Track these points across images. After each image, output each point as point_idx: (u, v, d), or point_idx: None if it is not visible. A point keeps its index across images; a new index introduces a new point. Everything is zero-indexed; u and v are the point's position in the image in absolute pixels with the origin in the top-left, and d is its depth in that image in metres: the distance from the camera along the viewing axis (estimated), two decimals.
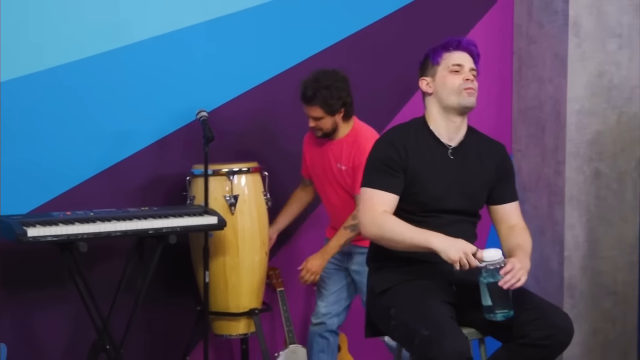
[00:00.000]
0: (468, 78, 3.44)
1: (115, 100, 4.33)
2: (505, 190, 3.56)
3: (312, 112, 4.27)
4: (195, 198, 4.35)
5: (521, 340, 3.30)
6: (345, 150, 4.31)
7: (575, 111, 4.97)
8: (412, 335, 3.20)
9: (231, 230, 4.31)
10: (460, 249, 3.21)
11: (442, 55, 3.48)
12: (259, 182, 4.44)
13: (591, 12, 4.95)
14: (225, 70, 4.56)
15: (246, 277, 4.38)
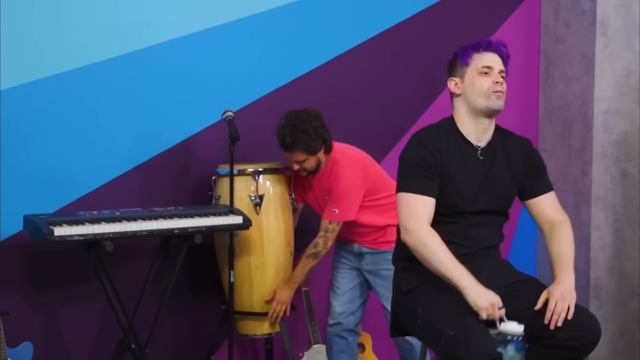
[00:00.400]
0: (497, 81, 3.41)
1: (141, 101, 4.36)
2: (536, 184, 3.54)
3: (295, 157, 4.32)
4: (221, 197, 4.36)
5: (547, 341, 3.27)
6: (325, 181, 4.39)
7: (603, 111, 4.98)
8: (438, 335, 3.19)
9: (256, 230, 4.31)
10: (488, 299, 3.18)
11: (472, 56, 3.45)
12: (283, 182, 4.45)
13: (619, 11, 4.95)
14: (252, 70, 4.59)
15: (271, 277, 4.38)
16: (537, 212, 3.55)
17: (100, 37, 4.23)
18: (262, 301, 4.38)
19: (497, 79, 3.41)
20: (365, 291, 4.52)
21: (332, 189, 4.34)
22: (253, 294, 4.38)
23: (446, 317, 3.19)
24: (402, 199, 3.39)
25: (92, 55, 4.22)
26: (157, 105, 4.38)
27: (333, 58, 4.77)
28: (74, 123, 4.21)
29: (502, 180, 3.47)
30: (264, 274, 4.38)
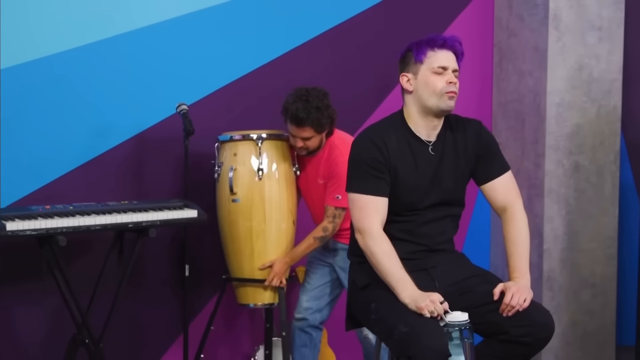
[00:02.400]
0: (451, 81, 3.39)
1: (94, 95, 4.34)
2: (490, 166, 3.52)
3: (303, 133, 4.29)
4: (223, 165, 4.36)
5: (502, 336, 3.31)
6: (323, 164, 4.38)
7: (555, 104, 5.01)
8: (391, 331, 3.23)
9: (258, 195, 4.33)
10: (427, 296, 3.21)
11: (427, 54, 3.41)
12: (287, 151, 4.43)
13: (571, 6, 4.99)
14: (207, 63, 4.59)
15: (272, 245, 4.37)
16: (490, 198, 3.53)
17: (53, 30, 4.21)
18: (262, 269, 4.38)
19: (451, 79, 3.39)
20: (336, 289, 4.49)
21: (332, 173, 4.32)
22: (254, 260, 4.36)
23: (399, 314, 3.22)
24: (353, 200, 3.39)
25: (44, 48, 4.20)
26: (111, 99, 4.37)
27: (288, 51, 4.77)
28: (25, 116, 4.18)
29: (453, 172, 3.46)
30: (265, 240, 4.36)
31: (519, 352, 3.33)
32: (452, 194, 3.48)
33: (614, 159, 5.14)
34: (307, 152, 4.36)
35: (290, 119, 4.28)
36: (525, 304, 3.27)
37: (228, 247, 4.39)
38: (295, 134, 4.31)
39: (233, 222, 4.35)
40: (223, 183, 4.36)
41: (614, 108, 5.12)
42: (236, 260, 4.36)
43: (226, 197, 4.34)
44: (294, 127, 4.29)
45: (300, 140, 4.31)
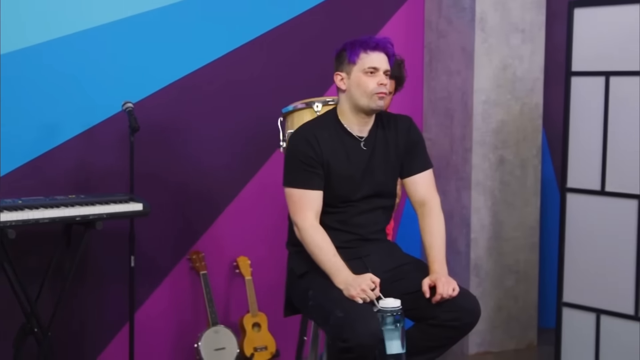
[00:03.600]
0: (382, 82, 3.51)
1: (42, 92, 4.37)
2: (413, 162, 3.65)
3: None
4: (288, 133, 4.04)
5: (432, 321, 3.46)
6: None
7: (482, 102, 5.16)
8: (327, 316, 3.36)
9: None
10: (359, 285, 3.34)
11: (359, 55, 3.52)
12: None
13: (496, 9, 5.14)
14: (153, 61, 4.62)
15: None
16: (411, 191, 3.67)
17: (1, 30, 4.23)
18: None
19: (382, 80, 3.52)
20: None
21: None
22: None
23: (335, 300, 3.35)
24: (289, 194, 3.53)
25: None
26: (59, 97, 4.41)
27: (231, 50, 4.83)
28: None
29: (384, 166, 3.60)
30: None
31: (447, 336, 3.48)
32: (383, 186, 3.62)
33: (536, 153, 5.32)
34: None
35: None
36: (454, 293, 3.44)
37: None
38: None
39: None
40: None
41: (536, 105, 5.30)
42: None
43: None
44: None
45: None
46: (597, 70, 4.58)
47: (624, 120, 4.49)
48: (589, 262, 4.66)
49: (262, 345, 4.83)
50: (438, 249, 3.59)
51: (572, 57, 4.66)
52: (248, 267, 4.88)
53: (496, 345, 5.34)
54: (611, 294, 4.58)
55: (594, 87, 4.58)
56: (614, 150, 4.54)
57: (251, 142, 4.93)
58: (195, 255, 4.78)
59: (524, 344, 5.42)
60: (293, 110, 4.07)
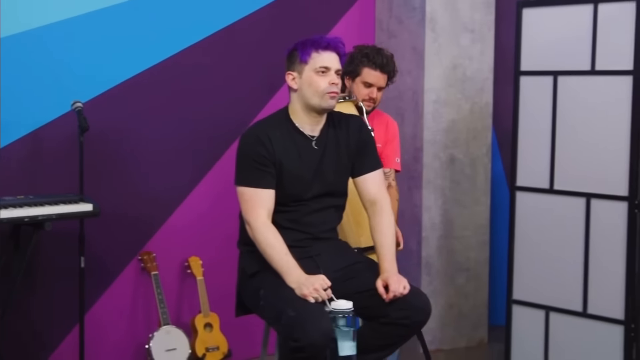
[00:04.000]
0: (333, 82, 3.54)
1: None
2: (364, 161, 3.68)
3: (380, 81, 4.24)
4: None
5: (383, 319, 3.50)
6: (376, 129, 4.20)
7: (432, 101, 5.20)
8: (279, 315, 3.37)
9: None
10: (312, 285, 3.36)
11: (311, 55, 3.54)
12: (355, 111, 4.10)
13: (446, 9, 5.18)
14: (101, 62, 4.60)
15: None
16: (361, 191, 3.70)
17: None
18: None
19: (333, 80, 3.54)
20: None
21: (392, 136, 4.33)
22: (362, 230, 4.02)
23: (286, 299, 3.37)
24: (241, 193, 3.54)
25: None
26: (8, 97, 4.37)
27: (181, 50, 4.82)
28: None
29: (335, 165, 3.63)
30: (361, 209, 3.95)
31: (398, 334, 3.52)
32: (334, 185, 3.64)
33: (486, 152, 5.38)
34: (371, 108, 4.25)
35: (375, 63, 4.21)
36: (405, 291, 3.48)
37: (362, 213, 3.86)
38: (374, 82, 4.23)
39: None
40: None
41: (486, 105, 5.36)
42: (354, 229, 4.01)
43: None
44: (377, 73, 4.22)
45: (376, 89, 4.24)
46: (545, 70, 4.63)
47: (572, 119, 4.56)
48: (538, 260, 4.72)
49: (214, 345, 4.83)
50: (388, 248, 3.62)
51: (520, 57, 4.71)
52: (200, 267, 4.88)
53: (447, 343, 5.39)
54: (560, 291, 4.64)
55: (542, 87, 4.63)
56: (562, 149, 4.60)
57: (202, 142, 4.93)
58: (146, 256, 4.76)
59: (474, 341, 5.47)
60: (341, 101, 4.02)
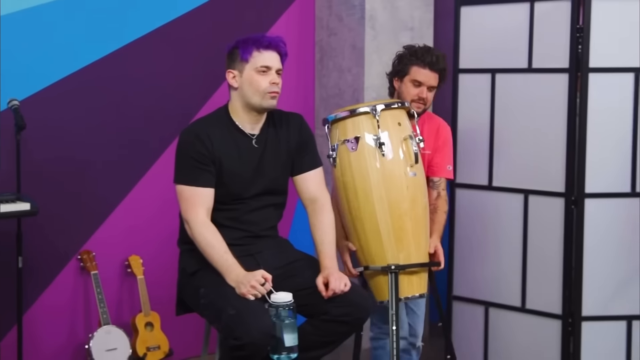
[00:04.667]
0: (274, 81, 3.55)
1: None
2: (303, 160, 3.71)
3: (430, 79, 4.06)
4: (361, 138, 3.74)
5: (324, 316, 3.53)
6: (425, 134, 4.06)
7: (372, 99, 5.19)
8: (219, 314, 3.38)
9: (423, 168, 3.86)
10: (249, 282, 3.37)
11: (252, 54, 3.54)
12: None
13: (385, 7, 5.20)
14: (38, 59, 4.54)
15: (423, 224, 3.88)
16: (301, 189, 3.72)
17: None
18: (420, 251, 3.81)
19: (274, 80, 3.55)
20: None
21: (443, 142, 4.12)
22: (427, 241, 3.87)
23: (226, 297, 3.38)
24: (180, 191, 3.54)
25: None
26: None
27: (121, 47, 4.79)
28: None
29: (275, 163, 3.64)
30: (417, 221, 3.80)
31: (339, 331, 3.56)
32: (274, 183, 3.66)
33: None
34: (422, 110, 4.05)
35: (424, 61, 4.03)
36: (346, 288, 3.51)
37: (404, 230, 3.74)
38: (424, 81, 4.05)
39: (413, 198, 3.76)
40: (393, 156, 3.73)
41: None
42: (413, 243, 3.77)
43: (398, 172, 3.73)
44: (426, 71, 4.04)
45: (426, 89, 4.05)
46: (483, 68, 4.68)
47: (510, 117, 4.62)
48: (477, 256, 4.77)
49: (155, 344, 4.81)
50: (329, 245, 3.64)
51: (459, 55, 4.76)
52: (140, 266, 4.85)
53: None
54: (499, 287, 4.70)
55: (480, 84, 4.68)
56: (501, 146, 4.65)
57: (142, 140, 4.90)
58: (86, 255, 4.72)
59: None
60: (345, 118, 3.82)
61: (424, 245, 3.84)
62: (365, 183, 3.75)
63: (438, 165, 4.14)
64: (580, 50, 4.36)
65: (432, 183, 4.12)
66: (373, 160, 3.75)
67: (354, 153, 3.78)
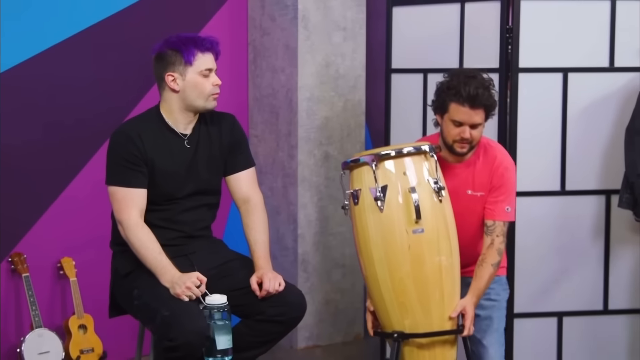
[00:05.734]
0: (216, 83, 3.56)
1: None
2: (236, 159, 3.71)
3: (475, 117, 3.59)
4: (362, 191, 3.51)
5: (258, 316, 3.54)
6: (480, 170, 3.72)
7: (306, 99, 5.22)
8: (153, 315, 3.37)
9: (442, 221, 3.49)
10: (184, 283, 3.36)
11: (195, 56, 3.53)
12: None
13: (318, 7, 5.21)
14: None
15: (457, 283, 3.56)
16: (234, 189, 3.72)
17: None
18: (430, 319, 3.48)
19: (216, 81, 3.57)
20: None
21: (500, 180, 3.67)
22: (444, 306, 3.49)
23: (161, 299, 3.37)
24: (113, 192, 3.52)
25: None
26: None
27: (51, 46, 4.74)
28: None
29: (208, 163, 3.64)
30: (453, 280, 3.51)
31: (274, 330, 3.57)
32: (207, 184, 3.65)
33: (359, 148, 5.40)
34: (468, 149, 3.65)
35: (463, 98, 3.56)
36: (280, 287, 3.53)
37: (407, 294, 3.46)
38: (465, 120, 3.58)
39: (417, 259, 3.44)
40: (392, 212, 3.44)
41: (359, 102, 5.41)
42: (420, 309, 3.46)
43: (399, 229, 3.43)
44: (466, 109, 3.57)
45: (469, 129, 3.59)
46: (415, 68, 4.72)
47: None
48: None
49: (89, 347, 4.77)
50: (262, 245, 3.65)
51: (391, 55, 4.80)
52: (73, 268, 4.81)
53: (324, 338, 5.43)
54: None
55: (412, 84, 4.72)
56: None
57: (73, 141, 4.85)
58: (17, 257, 4.67)
59: (351, 336, 5.52)
60: (392, 157, 3.48)
61: (439, 312, 3.46)
62: (366, 242, 3.52)
63: (493, 207, 3.69)
64: (510, 51, 4.42)
65: (486, 228, 3.69)
66: (372, 216, 3.48)
67: (356, 207, 3.54)
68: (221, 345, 3.38)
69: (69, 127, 4.82)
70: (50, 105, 4.76)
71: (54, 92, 4.79)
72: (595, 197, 4.56)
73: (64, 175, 4.86)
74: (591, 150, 4.54)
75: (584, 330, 4.62)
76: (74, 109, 4.85)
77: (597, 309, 4.61)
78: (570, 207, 4.54)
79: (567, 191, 4.52)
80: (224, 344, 3.39)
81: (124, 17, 4.98)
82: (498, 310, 3.80)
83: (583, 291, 4.60)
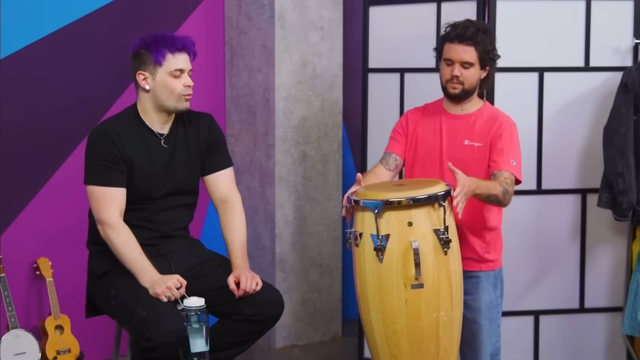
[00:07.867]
0: (188, 84, 3.55)
1: None
2: (214, 159, 3.71)
3: (461, 53, 3.61)
4: (363, 235, 3.36)
5: (236, 316, 3.54)
6: (480, 124, 3.71)
7: (283, 98, 5.22)
8: (130, 315, 3.37)
9: (445, 275, 3.35)
10: (164, 283, 3.37)
11: (166, 57, 3.51)
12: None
13: (295, 6, 5.21)
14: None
15: (457, 336, 3.48)
16: (212, 189, 3.72)
17: None
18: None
19: (188, 82, 3.55)
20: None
21: (498, 130, 3.62)
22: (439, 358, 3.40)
23: (138, 299, 3.37)
24: (91, 192, 3.51)
25: None
26: None
27: (28, 44, 4.72)
28: None
29: (185, 163, 3.64)
30: (452, 334, 3.41)
31: (252, 330, 3.57)
32: (185, 183, 3.65)
33: (337, 148, 5.43)
34: (460, 91, 3.64)
35: (452, 35, 3.63)
36: (257, 287, 3.53)
37: (400, 348, 3.36)
38: (454, 57, 3.61)
39: (414, 314, 3.32)
40: (391, 264, 3.30)
41: (336, 101, 5.41)
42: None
43: (397, 283, 3.30)
44: (455, 45, 3.61)
45: (458, 66, 3.61)
46: (392, 67, 4.74)
47: None
48: None
49: (65, 348, 4.75)
50: (240, 245, 3.65)
51: (368, 54, 4.81)
52: (49, 269, 4.79)
53: (302, 338, 5.43)
54: None
55: (389, 83, 4.74)
56: None
57: (50, 140, 4.83)
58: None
59: (328, 335, 5.53)
60: (390, 208, 3.29)
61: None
62: (363, 287, 3.41)
63: (497, 158, 3.62)
64: None
65: (494, 177, 3.60)
66: (370, 265, 3.34)
67: (357, 249, 3.41)
68: (197, 348, 3.38)
69: (47, 126, 4.80)
70: (26, 104, 4.73)
71: (32, 90, 4.76)
72: (572, 196, 4.59)
73: (40, 175, 4.83)
74: (567, 150, 4.57)
75: (560, 329, 4.64)
76: (51, 108, 4.82)
77: (574, 308, 4.63)
78: (546, 207, 4.57)
79: (543, 190, 4.55)
80: (200, 347, 3.39)
81: (100, 16, 4.96)
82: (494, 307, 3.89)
83: (560, 290, 4.63)
